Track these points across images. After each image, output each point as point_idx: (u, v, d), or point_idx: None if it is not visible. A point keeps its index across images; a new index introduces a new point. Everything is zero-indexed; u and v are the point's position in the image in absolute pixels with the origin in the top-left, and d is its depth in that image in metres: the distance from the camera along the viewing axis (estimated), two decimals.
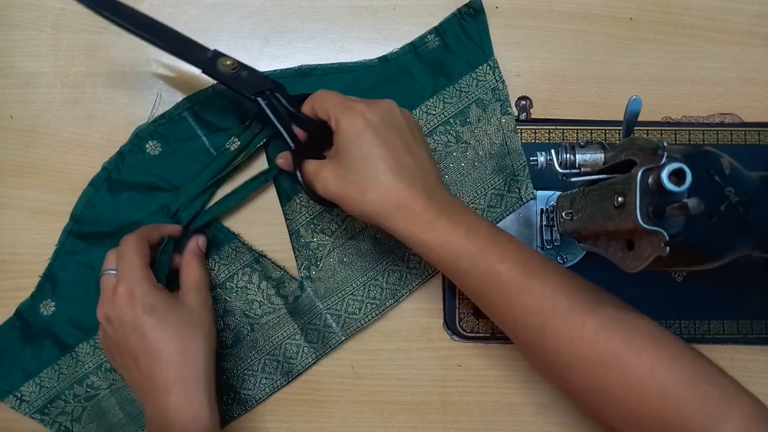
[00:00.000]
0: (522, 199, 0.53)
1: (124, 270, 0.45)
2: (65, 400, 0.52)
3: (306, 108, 0.47)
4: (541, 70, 0.54)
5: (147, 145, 0.52)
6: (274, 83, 0.47)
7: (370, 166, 0.42)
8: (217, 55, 0.47)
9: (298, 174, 0.46)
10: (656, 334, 0.38)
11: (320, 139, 0.47)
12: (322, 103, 0.45)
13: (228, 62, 0.47)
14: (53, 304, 0.52)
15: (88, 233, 0.52)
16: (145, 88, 0.54)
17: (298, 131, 0.47)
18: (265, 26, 0.55)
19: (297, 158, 0.46)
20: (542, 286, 0.40)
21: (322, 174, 0.44)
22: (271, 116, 0.47)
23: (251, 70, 0.47)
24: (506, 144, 0.53)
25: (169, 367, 0.43)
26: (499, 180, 0.53)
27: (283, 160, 0.49)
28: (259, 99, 0.47)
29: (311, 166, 0.45)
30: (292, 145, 0.47)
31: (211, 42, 0.54)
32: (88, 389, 0.52)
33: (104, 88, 0.54)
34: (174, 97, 0.53)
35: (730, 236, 0.36)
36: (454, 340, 0.53)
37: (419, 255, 0.43)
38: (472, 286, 0.42)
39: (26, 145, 0.54)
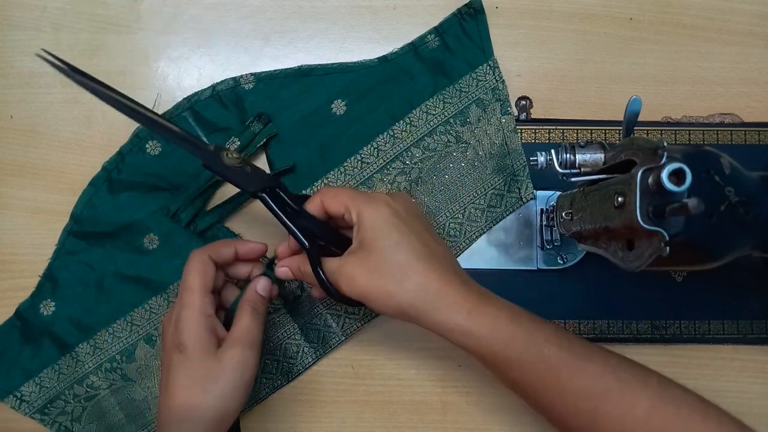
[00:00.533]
0: (522, 199, 0.53)
1: (180, 292, 0.43)
2: (65, 400, 0.52)
3: (312, 206, 0.44)
4: (541, 70, 0.54)
5: (147, 145, 0.52)
6: (276, 181, 0.44)
7: (405, 255, 0.40)
8: (219, 148, 0.42)
9: (322, 274, 0.42)
10: (702, 406, 0.38)
11: (327, 238, 0.44)
12: (335, 197, 0.43)
13: (234, 155, 0.42)
14: (53, 304, 0.52)
15: (88, 233, 0.52)
16: (145, 88, 0.54)
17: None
18: (265, 26, 0.55)
19: (315, 257, 0.43)
20: (590, 367, 0.39)
21: (346, 271, 0.41)
22: (280, 213, 0.43)
23: (254, 167, 0.44)
24: (506, 144, 0.53)
25: (171, 417, 0.41)
26: (499, 180, 0.53)
27: (286, 268, 0.45)
28: (264, 195, 0.43)
29: (331, 264, 0.42)
30: (306, 244, 0.43)
31: (212, 42, 0.54)
32: (88, 389, 0.52)
33: None
34: (174, 97, 0.53)
35: (730, 236, 0.36)
36: None
37: (460, 346, 0.41)
38: (521, 375, 0.40)
39: (26, 145, 0.54)
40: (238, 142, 0.52)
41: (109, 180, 0.52)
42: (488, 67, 0.53)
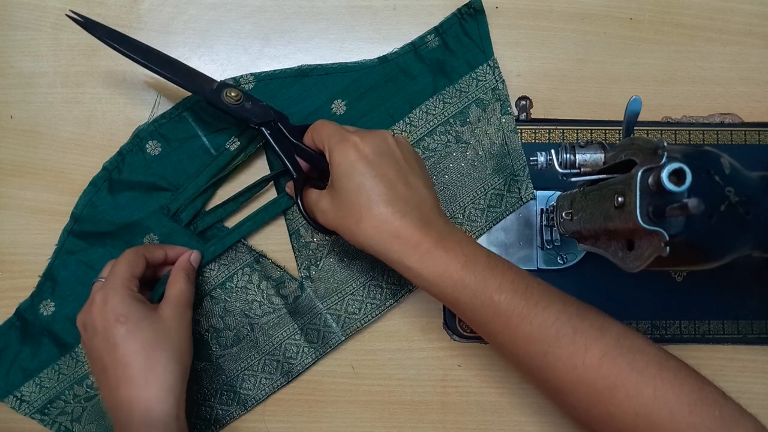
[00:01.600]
0: (522, 199, 0.53)
1: (108, 278, 0.45)
2: (65, 401, 0.52)
3: (306, 138, 0.47)
4: (541, 70, 0.54)
5: (147, 145, 0.52)
6: (277, 113, 0.49)
7: (364, 198, 0.42)
8: (223, 86, 0.48)
9: (299, 203, 0.47)
10: (660, 358, 0.38)
11: (323, 170, 0.47)
12: (319, 133, 0.46)
13: (233, 93, 0.48)
14: (53, 304, 0.52)
15: (88, 233, 0.52)
16: (145, 88, 0.54)
17: (302, 162, 0.48)
18: (265, 26, 0.55)
19: (298, 187, 0.47)
20: (544, 314, 0.39)
21: (321, 205, 0.45)
22: (275, 145, 0.48)
23: (255, 101, 0.48)
24: (506, 144, 0.53)
25: (134, 383, 0.42)
26: (499, 180, 0.53)
27: (290, 189, 0.51)
28: (263, 128, 0.48)
29: (312, 195, 0.46)
30: (294, 173, 0.48)
31: (212, 42, 0.54)
32: (88, 389, 0.52)
33: (104, 88, 0.54)
34: (174, 97, 0.53)
35: (730, 236, 0.36)
36: (454, 340, 0.53)
37: (417, 286, 0.43)
38: (472, 317, 0.41)
39: (26, 145, 0.54)
40: (238, 142, 0.52)
41: (110, 180, 0.52)
42: (488, 67, 0.53)
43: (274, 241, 0.53)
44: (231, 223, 0.53)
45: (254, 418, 0.52)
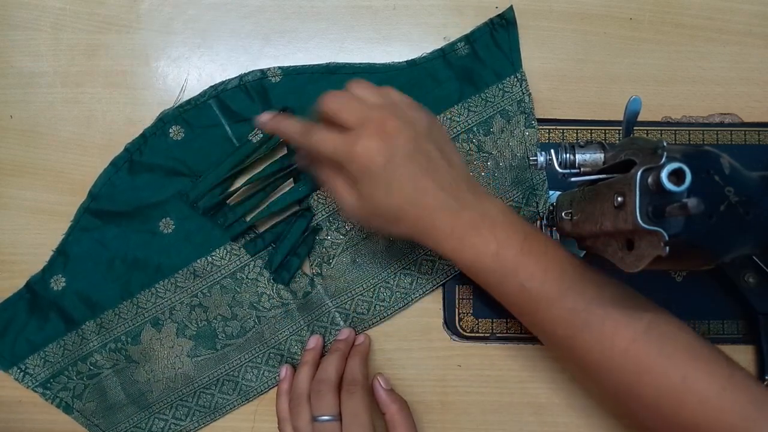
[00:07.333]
0: (539, 213, 0.52)
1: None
2: (68, 377, 0.52)
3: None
4: (541, 70, 0.54)
5: (170, 130, 0.53)
6: None
7: (395, 201, 0.40)
8: None
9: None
10: (692, 344, 0.39)
11: None
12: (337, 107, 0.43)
13: None
14: (64, 279, 0.52)
15: (104, 211, 0.52)
16: (145, 87, 0.54)
17: None
18: (265, 26, 0.55)
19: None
20: (575, 300, 0.39)
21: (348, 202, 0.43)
22: None
23: None
24: (528, 157, 0.53)
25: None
26: (517, 193, 0.53)
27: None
28: None
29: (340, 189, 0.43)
30: None
31: (212, 42, 0.54)
32: (91, 367, 0.52)
33: (104, 88, 0.54)
34: (172, 97, 0.53)
35: (730, 236, 0.36)
36: (454, 340, 0.53)
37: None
38: (501, 298, 0.42)
39: (26, 145, 0.54)
40: (261, 134, 0.52)
41: (130, 161, 0.53)
42: (515, 79, 0.53)
43: None
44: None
45: (255, 418, 0.52)
